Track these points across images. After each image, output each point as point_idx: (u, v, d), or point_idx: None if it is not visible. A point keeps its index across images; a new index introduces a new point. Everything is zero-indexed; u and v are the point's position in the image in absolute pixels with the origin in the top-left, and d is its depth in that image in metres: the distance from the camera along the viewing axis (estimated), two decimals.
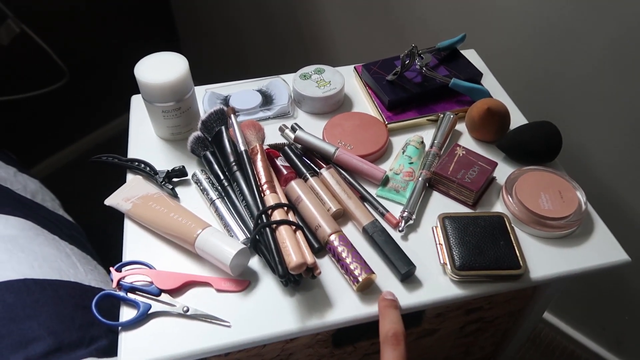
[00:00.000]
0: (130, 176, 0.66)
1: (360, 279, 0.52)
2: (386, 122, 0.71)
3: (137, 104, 0.75)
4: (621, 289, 1.00)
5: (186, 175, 0.65)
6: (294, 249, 0.51)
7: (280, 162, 0.63)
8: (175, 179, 0.65)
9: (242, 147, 0.60)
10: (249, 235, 0.57)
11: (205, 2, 1.54)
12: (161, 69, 0.63)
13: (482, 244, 0.55)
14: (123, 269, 0.56)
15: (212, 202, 0.61)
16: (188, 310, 0.52)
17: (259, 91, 0.76)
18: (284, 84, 0.76)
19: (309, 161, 0.66)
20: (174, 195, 0.63)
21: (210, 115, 0.63)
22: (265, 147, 0.63)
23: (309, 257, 0.51)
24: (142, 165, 0.65)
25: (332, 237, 0.55)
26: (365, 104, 0.76)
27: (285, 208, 0.56)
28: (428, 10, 1.00)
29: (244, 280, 0.54)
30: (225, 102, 0.74)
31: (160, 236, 0.59)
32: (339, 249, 0.54)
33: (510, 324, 0.74)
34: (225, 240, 0.54)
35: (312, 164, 0.65)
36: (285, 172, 0.62)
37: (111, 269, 0.55)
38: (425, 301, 0.53)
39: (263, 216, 0.54)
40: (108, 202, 0.62)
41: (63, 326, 0.68)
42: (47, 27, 1.32)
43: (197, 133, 0.64)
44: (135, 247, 0.58)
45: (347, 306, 0.53)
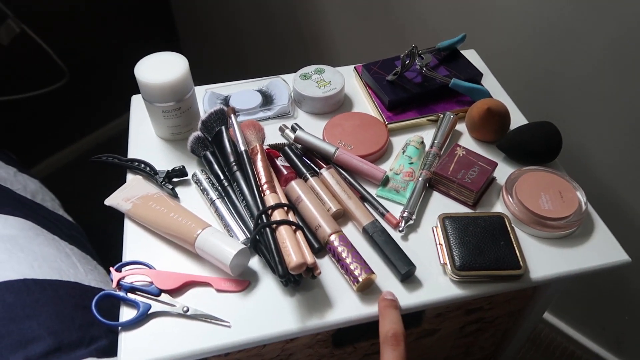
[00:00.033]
0: (130, 176, 0.66)
1: (360, 279, 0.52)
2: (386, 122, 0.71)
3: (137, 104, 0.75)
4: (621, 289, 1.00)
5: (186, 175, 0.65)
6: (294, 249, 0.51)
7: (280, 162, 0.63)
8: (175, 179, 0.65)
9: (242, 147, 0.60)
10: (249, 235, 0.57)
11: (206, 2, 1.54)
12: (161, 69, 0.63)
13: (482, 244, 0.55)
14: (123, 269, 0.56)
15: (212, 202, 0.61)
16: (188, 310, 0.52)
17: (259, 91, 0.76)
18: (284, 84, 0.76)
19: (309, 161, 0.66)
20: (174, 195, 0.63)
21: (210, 115, 0.63)
22: (266, 147, 0.63)
23: (309, 257, 0.51)
24: (142, 165, 0.65)
25: (332, 237, 0.55)
26: (365, 104, 0.76)
27: (286, 208, 0.56)
28: (428, 11, 1.00)
29: (244, 281, 0.54)
30: (226, 102, 0.74)
31: (160, 236, 0.59)
32: (339, 249, 0.54)
33: (510, 324, 0.74)
34: (225, 240, 0.54)
35: (312, 164, 0.65)
36: (285, 172, 0.62)
37: (111, 269, 0.55)
38: (425, 301, 0.53)
39: (263, 216, 0.54)
40: (108, 202, 0.62)
41: (63, 326, 0.68)
42: (47, 27, 1.32)
43: (197, 133, 0.64)
44: (135, 247, 0.58)
45: (347, 306, 0.52)
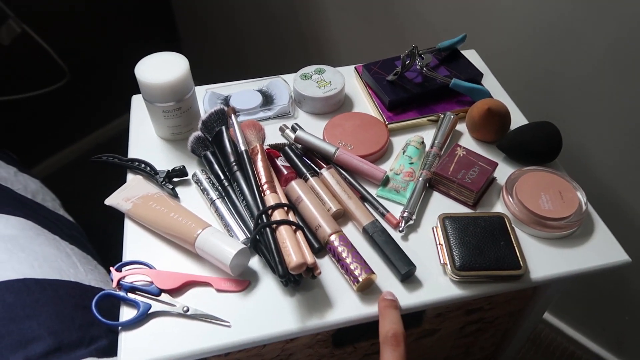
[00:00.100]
0: (130, 176, 0.66)
1: (360, 279, 0.52)
2: (386, 123, 0.71)
3: (137, 103, 0.75)
4: (621, 289, 1.00)
5: (186, 175, 0.65)
6: (294, 249, 0.51)
7: (280, 162, 0.63)
8: (175, 179, 0.65)
9: (242, 147, 0.60)
10: (249, 235, 0.57)
11: (206, 2, 1.54)
12: (162, 69, 0.63)
13: (483, 245, 0.55)
14: (123, 269, 0.56)
15: (212, 202, 0.61)
16: (188, 310, 0.52)
17: (260, 91, 0.76)
18: (285, 84, 0.76)
19: (309, 161, 0.66)
20: (174, 195, 0.63)
21: (210, 115, 0.63)
22: (266, 147, 0.63)
23: (309, 257, 0.51)
24: (142, 165, 0.65)
25: (332, 237, 0.55)
26: (365, 104, 0.76)
27: (286, 208, 0.56)
28: (429, 11, 1.00)
29: (244, 280, 0.54)
30: (226, 102, 0.74)
31: (160, 236, 0.59)
32: (339, 249, 0.54)
33: (510, 325, 0.74)
34: (226, 240, 0.54)
35: (312, 164, 0.65)
36: (285, 172, 0.62)
37: (111, 268, 0.55)
38: (426, 301, 0.53)
39: (263, 216, 0.54)
40: (108, 202, 0.62)
41: (63, 326, 0.68)
42: (48, 27, 1.32)
43: (198, 133, 0.64)
44: (135, 247, 0.58)
45: (347, 306, 0.52)
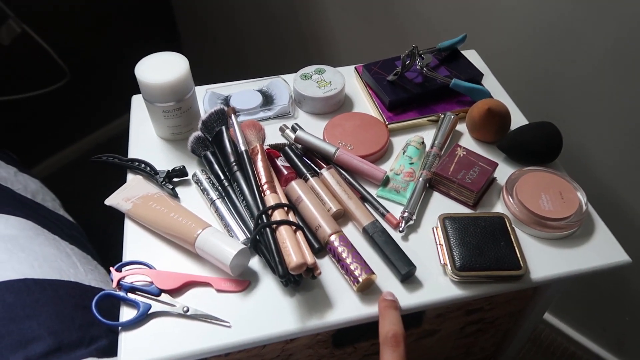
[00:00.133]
0: (130, 176, 0.66)
1: (360, 279, 0.52)
2: (387, 123, 0.71)
3: (137, 104, 0.75)
4: (622, 289, 1.00)
5: (186, 175, 0.65)
6: (294, 249, 0.51)
7: (280, 162, 0.63)
8: (175, 179, 0.65)
9: (242, 147, 0.60)
10: (249, 236, 0.57)
11: (206, 2, 1.54)
12: (162, 69, 0.63)
13: (483, 245, 0.55)
14: (123, 269, 0.56)
15: (212, 202, 0.60)
16: (188, 310, 0.52)
17: (260, 91, 0.76)
18: (285, 84, 0.76)
19: (309, 161, 0.66)
20: (174, 195, 0.63)
21: (210, 115, 0.63)
22: (266, 147, 0.63)
23: (309, 258, 0.51)
24: (142, 165, 0.65)
25: (333, 238, 0.55)
26: (365, 104, 0.76)
27: (286, 208, 0.56)
28: (429, 11, 1.00)
29: (244, 281, 0.54)
30: (226, 102, 0.74)
31: (160, 236, 0.59)
32: (339, 249, 0.54)
33: (510, 325, 0.74)
34: (226, 240, 0.54)
35: (312, 164, 0.65)
36: (285, 172, 0.62)
37: (111, 269, 0.55)
38: (426, 302, 0.53)
39: (263, 216, 0.54)
40: (108, 202, 0.62)
41: (63, 326, 0.68)
42: (48, 27, 1.32)
43: (198, 133, 0.64)
44: (135, 247, 0.58)
45: (347, 307, 0.52)
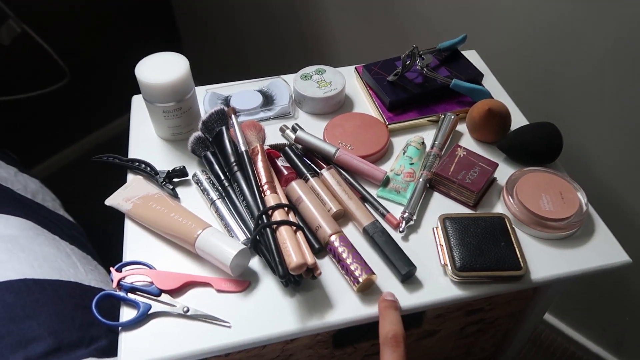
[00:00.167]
0: (130, 176, 0.66)
1: (360, 279, 0.52)
2: (387, 123, 0.71)
3: (137, 104, 0.75)
4: (622, 290, 1.00)
5: (187, 175, 0.65)
6: (294, 249, 0.51)
7: (280, 162, 0.63)
8: (175, 179, 0.65)
9: (242, 148, 0.60)
10: (249, 236, 0.57)
11: (206, 2, 1.54)
12: (162, 69, 0.63)
13: (483, 245, 0.55)
14: (123, 269, 0.56)
15: (212, 203, 0.60)
16: (188, 310, 0.52)
17: (260, 91, 0.76)
18: (285, 84, 0.76)
19: (309, 162, 0.66)
20: (175, 195, 0.63)
21: (210, 115, 0.63)
22: (266, 148, 0.63)
23: (310, 258, 0.51)
24: (142, 166, 0.65)
25: (333, 238, 0.55)
26: (366, 104, 0.76)
27: (286, 208, 0.56)
28: (429, 11, 1.00)
29: (244, 281, 0.54)
30: (226, 102, 0.74)
31: (160, 236, 0.59)
32: (340, 250, 0.54)
33: (510, 325, 0.74)
34: (226, 240, 0.54)
35: (312, 165, 0.65)
36: (285, 172, 0.62)
37: (111, 269, 0.55)
38: (426, 302, 0.53)
39: (263, 216, 0.54)
40: (108, 202, 0.62)
41: (63, 326, 0.68)
42: (48, 27, 1.32)
43: (198, 133, 0.64)
44: (135, 247, 0.58)
45: (347, 307, 0.52)
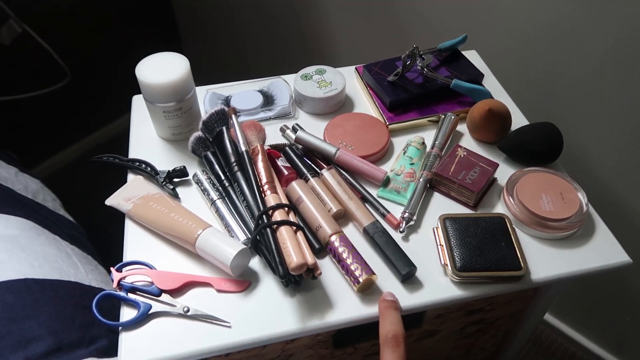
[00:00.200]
0: (131, 176, 0.66)
1: (360, 279, 0.52)
2: (387, 123, 0.71)
3: (138, 104, 0.75)
4: (622, 290, 1.00)
5: (187, 175, 0.65)
6: (294, 249, 0.51)
7: (281, 162, 0.63)
8: (176, 179, 0.65)
9: (243, 148, 0.60)
10: (249, 236, 0.57)
11: (206, 2, 1.54)
12: (162, 69, 0.63)
13: (483, 245, 0.55)
14: (124, 269, 0.56)
15: (212, 203, 0.61)
16: (188, 310, 0.52)
17: (260, 92, 0.76)
18: (285, 84, 0.76)
19: (309, 162, 0.66)
20: (175, 195, 0.63)
21: (211, 115, 0.63)
22: (266, 148, 0.63)
23: (310, 258, 0.51)
24: (143, 166, 0.65)
25: (333, 238, 0.55)
26: (366, 104, 0.76)
27: (286, 208, 0.56)
28: (429, 11, 1.00)
29: (245, 281, 0.54)
30: (226, 102, 0.74)
31: (160, 236, 0.59)
32: (340, 250, 0.54)
33: (511, 325, 0.74)
34: (226, 240, 0.54)
35: (313, 165, 0.65)
36: (286, 172, 0.62)
37: (112, 269, 0.55)
38: (426, 302, 0.53)
39: (264, 216, 0.54)
40: (109, 202, 0.62)
41: (63, 326, 0.68)
42: (49, 27, 1.32)
43: (198, 133, 0.64)
44: (135, 247, 0.58)
45: (347, 307, 0.52)
